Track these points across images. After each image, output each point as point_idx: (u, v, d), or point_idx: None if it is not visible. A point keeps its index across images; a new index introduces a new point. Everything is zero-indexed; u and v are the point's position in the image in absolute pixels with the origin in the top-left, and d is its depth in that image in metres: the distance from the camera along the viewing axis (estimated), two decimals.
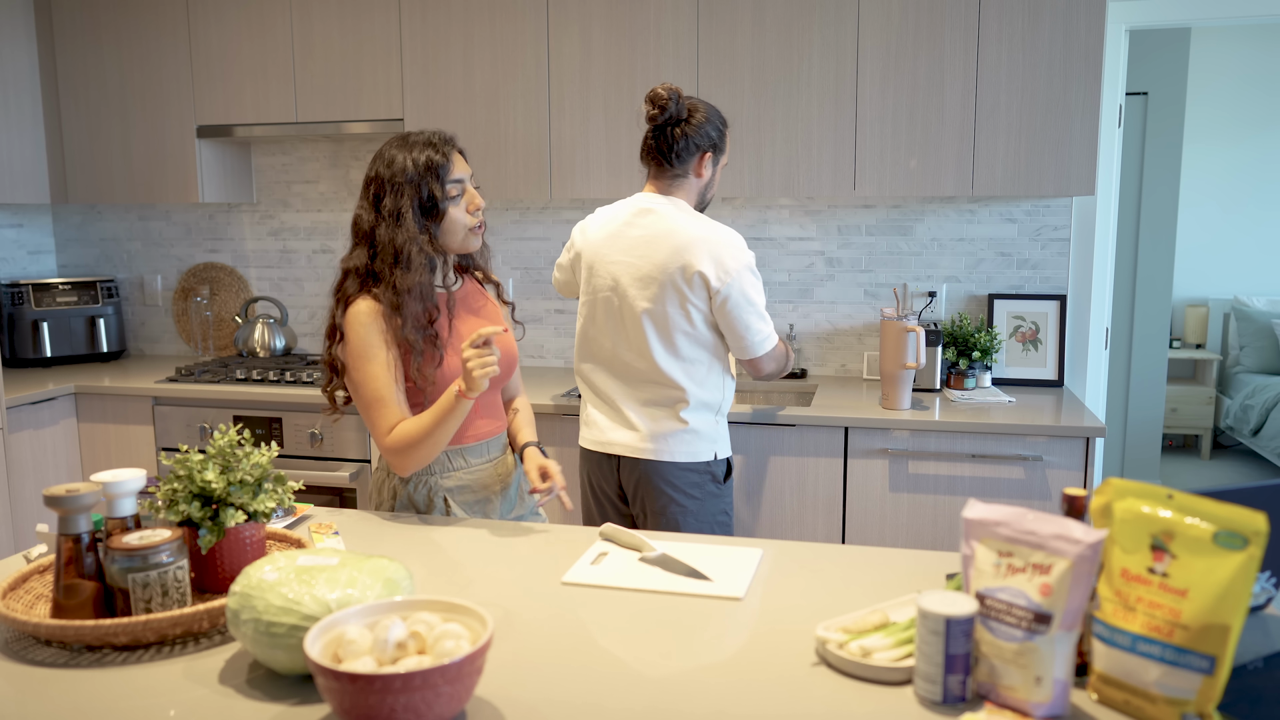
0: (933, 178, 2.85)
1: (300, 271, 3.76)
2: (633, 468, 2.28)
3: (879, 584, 1.49)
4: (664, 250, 2.19)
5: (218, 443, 1.43)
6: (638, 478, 2.28)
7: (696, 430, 2.26)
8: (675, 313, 2.20)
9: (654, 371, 2.24)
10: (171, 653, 1.27)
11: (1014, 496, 2.62)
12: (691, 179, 2.26)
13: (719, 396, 2.30)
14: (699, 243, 2.17)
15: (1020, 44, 2.76)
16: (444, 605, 1.14)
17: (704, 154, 2.24)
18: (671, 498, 2.26)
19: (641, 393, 2.27)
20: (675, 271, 2.18)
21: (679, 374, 2.23)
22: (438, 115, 3.17)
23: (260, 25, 3.30)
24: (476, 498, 1.94)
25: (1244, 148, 5.90)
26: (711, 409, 2.29)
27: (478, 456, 1.94)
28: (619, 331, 2.26)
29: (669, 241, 2.19)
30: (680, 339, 2.22)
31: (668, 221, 2.21)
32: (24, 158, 3.48)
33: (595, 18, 3.01)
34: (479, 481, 1.94)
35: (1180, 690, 1.04)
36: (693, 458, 2.26)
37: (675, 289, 2.19)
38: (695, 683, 1.18)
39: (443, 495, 1.90)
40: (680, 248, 2.18)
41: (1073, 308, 3.18)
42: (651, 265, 2.20)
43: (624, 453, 2.28)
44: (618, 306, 2.25)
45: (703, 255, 2.17)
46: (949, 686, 1.10)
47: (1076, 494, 1.17)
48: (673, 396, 2.25)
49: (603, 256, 2.26)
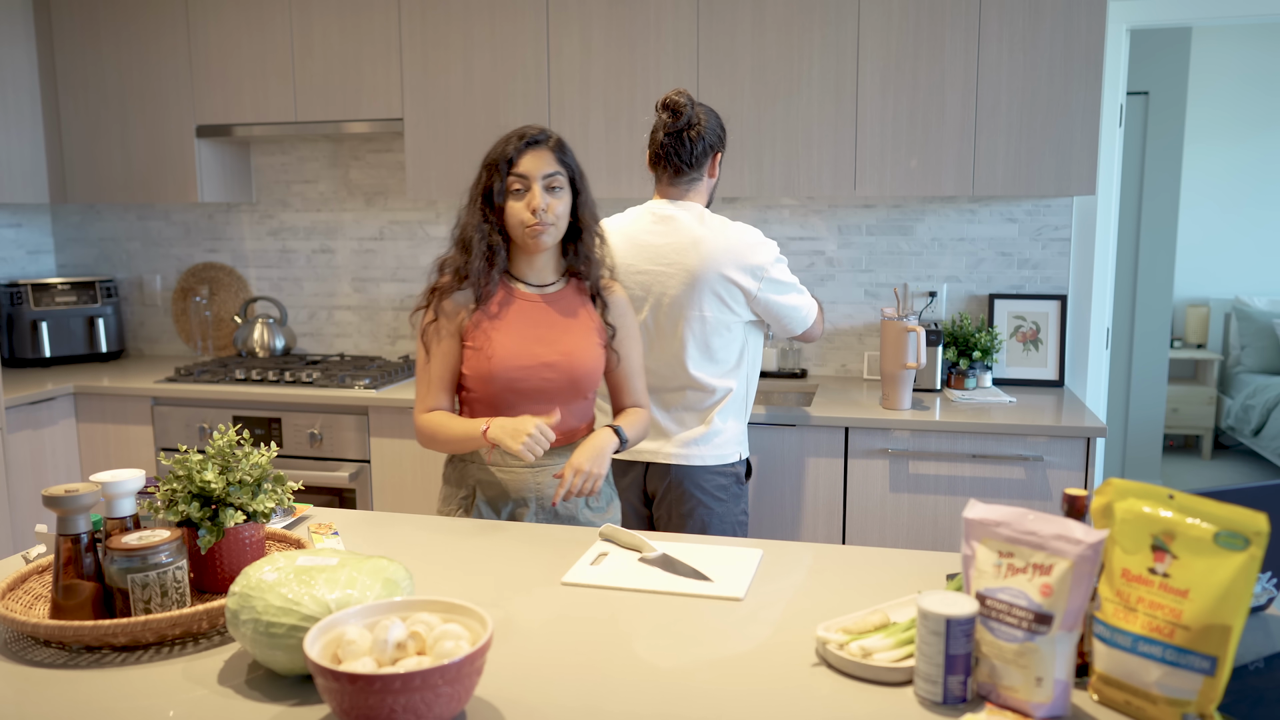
0: (933, 177, 2.85)
1: (300, 271, 3.75)
2: (661, 474, 2.26)
3: (879, 584, 1.48)
4: (694, 257, 2.19)
5: (217, 443, 1.43)
6: (667, 483, 2.25)
7: (725, 432, 2.26)
8: (711, 317, 2.21)
9: (686, 378, 2.23)
10: (171, 653, 1.26)
11: (1014, 497, 2.62)
12: (705, 180, 2.29)
13: (747, 394, 2.33)
14: (729, 247, 2.19)
15: (1021, 44, 2.75)
16: (444, 605, 1.14)
17: (716, 154, 2.27)
18: (700, 500, 2.25)
19: (670, 399, 2.26)
20: (710, 278, 2.18)
21: (713, 378, 2.24)
22: (438, 115, 3.17)
23: (259, 25, 3.29)
24: (505, 499, 1.89)
25: (1245, 147, 5.90)
26: (741, 408, 2.31)
27: (518, 459, 1.85)
28: (647, 341, 2.24)
29: (699, 249, 2.19)
30: (715, 343, 2.23)
31: (693, 229, 2.21)
32: (23, 157, 3.48)
33: (595, 18, 3.01)
34: (511, 482, 1.88)
35: (1181, 691, 1.04)
36: (723, 460, 2.27)
37: (713, 294, 2.20)
38: (695, 683, 1.18)
39: (473, 484, 1.90)
40: (711, 253, 2.18)
41: (1073, 308, 3.18)
42: (684, 273, 2.19)
43: (653, 459, 2.26)
44: (647, 317, 2.24)
45: (735, 259, 2.19)
46: (949, 687, 1.10)
47: (1077, 494, 1.17)
48: (706, 401, 2.25)
49: (627, 267, 2.22)
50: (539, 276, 1.92)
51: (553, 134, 1.86)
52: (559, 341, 1.88)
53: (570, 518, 1.91)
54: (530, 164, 1.82)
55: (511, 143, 1.83)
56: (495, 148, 1.86)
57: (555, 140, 1.86)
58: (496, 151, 1.85)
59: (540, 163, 1.82)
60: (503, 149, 1.84)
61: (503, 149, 1.84)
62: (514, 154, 1.82)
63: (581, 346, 1.89)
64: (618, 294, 1.99)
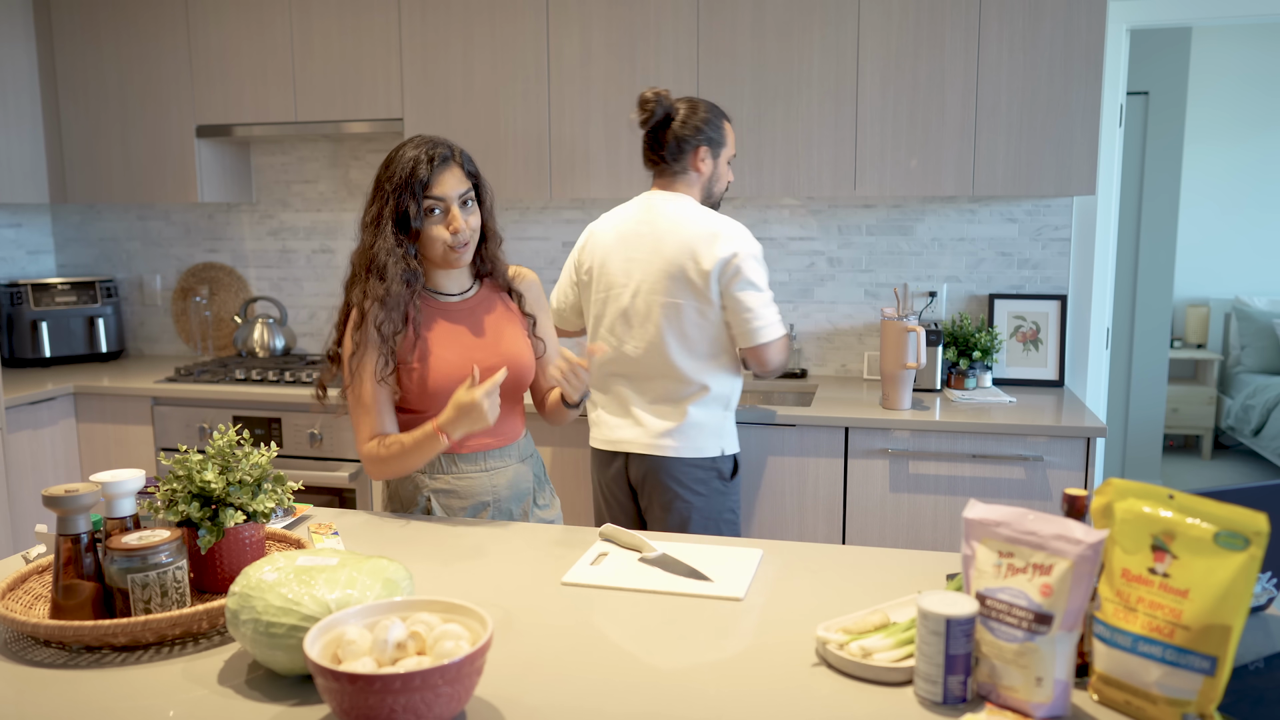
0: (933, 177, 2.85)
1: (299, 271, 3.75)
2: (640, 464, 2.30)
3: (879, 584, 1.48)
4: (672, 245, 2.23)
5: (217, 443, 1.43)
6: (645, 474, 2.30)
7: (703, 425, 2.28)
8: (687, 306, 2.23)
9: (665, 366, 2.26)
10: (171, 653, 1.26)
11: (1014, 497, 2.62)
12: (692, 174, 2.31)
13: (728, 391, 2.33)
14: (705, 235, 2.21)
15: (1021, 43, 2.75)
16: (444, 605, 1.14)
17: (698, 149, 2.28)
18: (677, 493, 2.28)
19: (649, 389, 2.29)
20: (685, 265, 2.22)
21: (690, 368, 2.26)
22: (438, 115, 3.17)
23: (259, 25, 3.29)
24: (464, 504, 1.89)
25: (1245, 147, 5.89)
26: (720, 403, 2.31)
27: (470, 464, 1.89)
28: (627, 329, 2.29)
29: (676, 236, 2.23)
30: (692, 332, 2.25)
31: (673, 217, 2.26)
32: (23, 157, 3.48)
33: (595, 18, 3.01)
34: (467, 489, 1.89)
35: (1181, 691, 1.04)
36: (699, 453, 2.28)
37: (687, 282, 2.22)
38: (695, 683, 1.18)
39: (427, 495, 1.89)
40: (687, 240, 2.22)
41: (1073, 308, 3.18)
42: (663, 260, 2.23)
43: (631, 449, 2.30)
44: (628, 304, 2.28)
45: (709, 246, 2.20)
46: (949, 687, 1.10)
47: (1077, 494, 1.17)
48: (682, 391, 2.27)
49: (615, 254, 2.30)
50: (456, 285, 1.91)
51: (455, 146, 1.82)
52: (495, 345, 1.88)
53: (523, 514, 1.94)
54: (445, 185, 1.78)
55: (421, 164, 1.76)
56: (400, 167, 1.77)
57: (459, 152, 1.82)
58: (404, 172, 1.76)
59: (454, 182, 1.79)
60: (412, 170, 1.75)
61: (412, 170, 1.75)
62: (427, 176, 1.76)
63: (518, 346, 1.91)
64: (527, 277, 1.99)
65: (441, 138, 1.83)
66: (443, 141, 1.81)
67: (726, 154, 2.35)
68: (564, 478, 2.89)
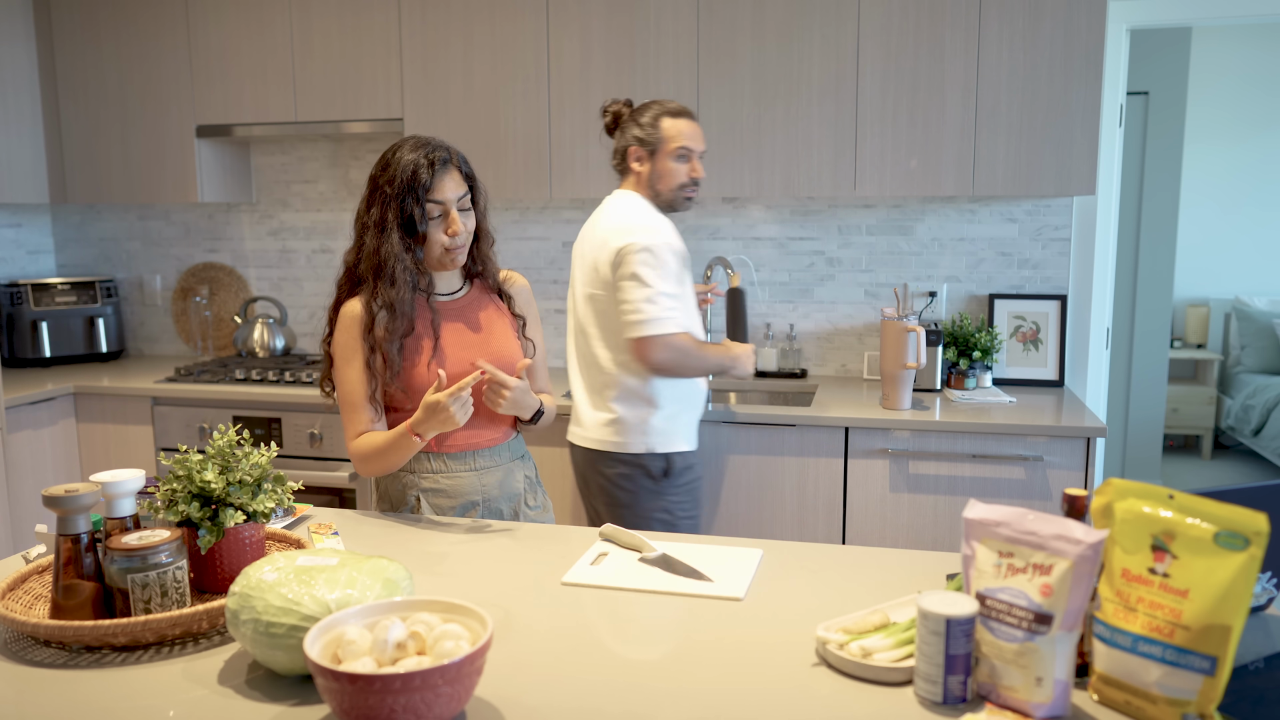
0: (933, 177, 2.85)
1: (300, 271, 3.75)
2: (579, 457, 2.40)
3: (879, 584, 1.48)
4: (595, 239, 2.32)
5: (217, 443, 1.43)
6: (584, 468, 2.39)
7: (623, 421, 2.30)
8: (602, 296, 2.30)
9: (589, 354, 2.35)
10: (171, 653, 1.26)
11: (1014, 497, 2.62)
12: (632, 175, 2.38)
13: (653, 388, 2.30)
14: (615, 229, 2.28)
15: (1021, 43, 2.75)
16: (443, 605, 1.14)
17: (628, 149, 2.36)
18: (602, 488, 2.34)
19: (586, 381, 2.37)
20: (598, 256, 2.29)
21: (608, 361, 2.31)
22: (438, 115, 3.17)
23: (259, 25, 3.29)
24: (452, 503, 1.89)
25: (1245, 147, 5.89)
26: (644, 400, 2.30)
27: (459, 464, 1.89)
28: (574, 323, 2.40)
29: (598, 230, 2.33)
30: (608, 323, 2.30)
31: (605, 213, 2.35)
32: (23, 157, 3.48)
33: (595, 18, 3.01)
34: (456, 488, 1.88)
35: (1181, 691, 1.04)
36: (618, 449, 2.31)
37: (599, 273, 2.29)
38: (695, 683, 1.18)
39: (416, 494, 1.89)
40: (602, 233, 2.30)
41: (1073, 308, 3.18)
42: (590, 254, 2.32)
43: (574, 441, 2.41)
44: (573, 299, 2.39)
45: (614, 238, 2.26)
46: (949, 687, 1.10)
47: (1077, 494, 1.17)
48: (603, 383, 2.33)
49: (575, 253, 2.43)
50: (448, 285, 1.92)
51: (451, 147, 1.82)
52: (486, 345, 1.89)
53: (514, 514, 1.95)
54: (446, 189, 1.79)
55: (422, 168, 1.76)
56: (400, 170, 1.77)
57: (456, 154, 1.82)
58: (405, 176, 1.76)
59: (453, 185, 1.80)
60: (413, 174, 1.76)
61: (413, 174, 1.76)
62: (429, 180, 1.76)
63: (508, 346, 1.92)
64: (517, 282, 2.01)
65: (437, 139, 1.83)
66: (440, 144, 1.81)
67: (666, 150, 2.32)
68: (552, 478, 2.89)
